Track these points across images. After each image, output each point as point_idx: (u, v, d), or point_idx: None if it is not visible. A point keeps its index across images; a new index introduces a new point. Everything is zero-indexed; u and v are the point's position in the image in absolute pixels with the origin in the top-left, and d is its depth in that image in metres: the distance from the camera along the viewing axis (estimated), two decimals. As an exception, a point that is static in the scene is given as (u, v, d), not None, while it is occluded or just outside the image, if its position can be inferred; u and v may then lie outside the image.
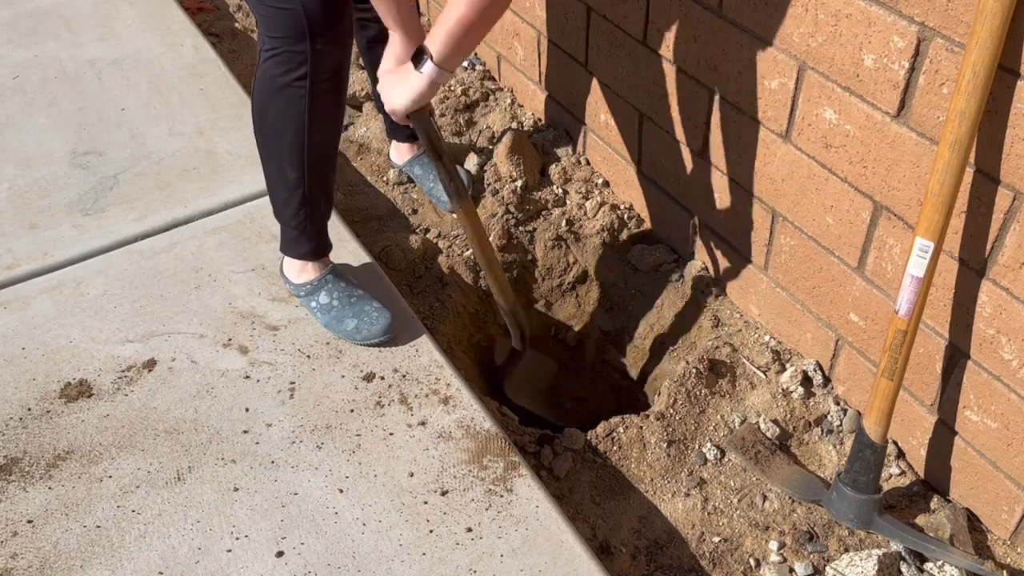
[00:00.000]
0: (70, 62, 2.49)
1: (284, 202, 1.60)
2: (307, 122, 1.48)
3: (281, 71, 1.43)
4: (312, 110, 1.47)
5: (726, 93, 1.63)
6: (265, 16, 1.40)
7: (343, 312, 1.66)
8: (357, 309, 1.66)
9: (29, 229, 1.93)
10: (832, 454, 1.60)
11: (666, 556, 1.45)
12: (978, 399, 1.38)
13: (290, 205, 1.59)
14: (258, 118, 1.52)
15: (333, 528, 1.37)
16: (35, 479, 1.44)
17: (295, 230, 1.63)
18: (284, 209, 1.61)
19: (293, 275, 1.71)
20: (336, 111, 1.54)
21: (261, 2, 1.39)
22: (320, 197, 1.60)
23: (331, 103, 1.50)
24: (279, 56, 1.42)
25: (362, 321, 1.64)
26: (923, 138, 1.29)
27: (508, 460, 1.48)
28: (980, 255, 1.28)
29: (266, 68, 1.45)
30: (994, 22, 1.07)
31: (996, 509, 1.44)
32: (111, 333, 1.70)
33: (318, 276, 1.68)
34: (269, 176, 1.59)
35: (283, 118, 1.48)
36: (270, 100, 1.47)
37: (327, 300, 1.67)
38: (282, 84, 1.44)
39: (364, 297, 1.68)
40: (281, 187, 1.58)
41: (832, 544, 1.45)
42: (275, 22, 1.39)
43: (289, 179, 1.55)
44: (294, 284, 1.71)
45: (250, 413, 1.55)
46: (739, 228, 1.76)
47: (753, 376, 1.70)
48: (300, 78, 1.43)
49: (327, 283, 1.68)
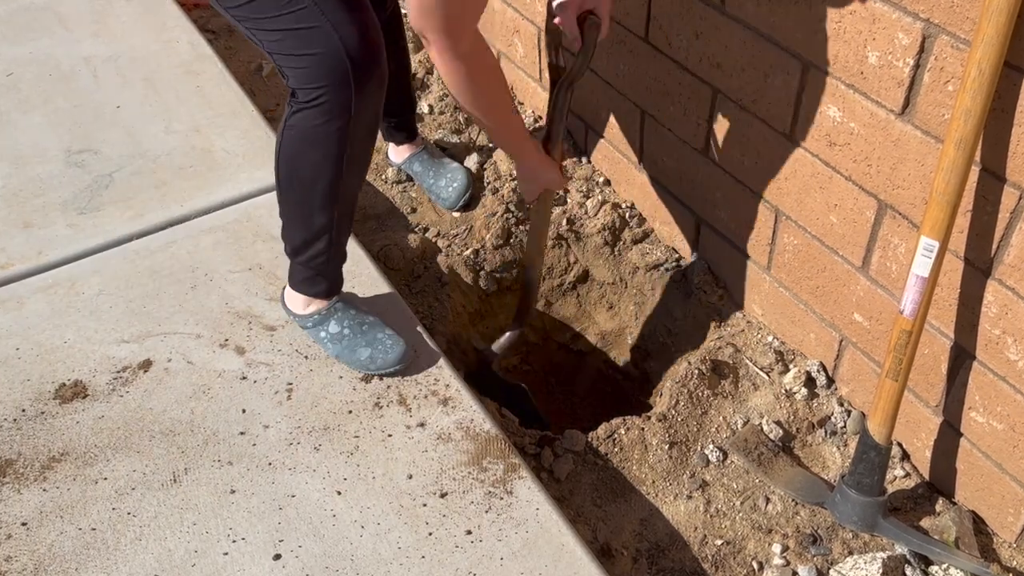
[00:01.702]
0: (65, 59, 2.47)
1: (305, 244, 1.50)
2: (344, 167, 1.38)
3: (323, 120, 1.32)
4: (351, 155, 1.38)
5: (729, 91, 1.62)
6: (299, 66, 1.28)
7: (355, 341, 1.57)
8: (370, 337, 1.57)
9: (23, 228, 1.92)
10: (836, 456, 1.59)
11: (668, 559, 1.44)
12: (984, 400, 1.38)
13: (312, 247, 1.49)
14: (287, 166, 1.41)
15: (331, 531, 1.37)
16: (29, 481, 1.43)
17: (313, 270, 1.54)
18: (305, 251, 1.51)
19: (298, 307, 1.61)
20: (371, 152, 1.45)
21: (292, 54, 1.26)
22: (344, 239, 1.52)
23: (368, 146, 1.42)
24: (320, 107, 1.30)
25: (376, 350, 1.56)
26: (928, 136, 1.28)
27: (508, 462, 1.47)
28: (986, 254, 1.27)
29: (304, 117, 1.33)
30: (1000, 19, 1.07)
31: (1002, 512, 1.43)
32: (106, 333, 1.69)
33: (327, 305, 1.59)
34: (291, 221, 1.49)
35: (318, 168, 1.38)
36: (307, 150, 1.36)
37: (337, 329, 1.58)
38: (324, 134, 1.33)
39: (376, 324, 1.59)
40: (304, 231, 1.48)
41: (836, 547, 1.45)
42: (313, 70, 1.27)
43: (316, 225, 1.46)
44: (299, 315, 1.61)
45: (247, 414, 1.54)
46: (742, 227, 1.75)
47: (756, 377, 1.69)
48: (341, 127, 1.32)
49: (336, 311, 1.59)
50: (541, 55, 2.22)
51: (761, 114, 1.57)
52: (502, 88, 1.39)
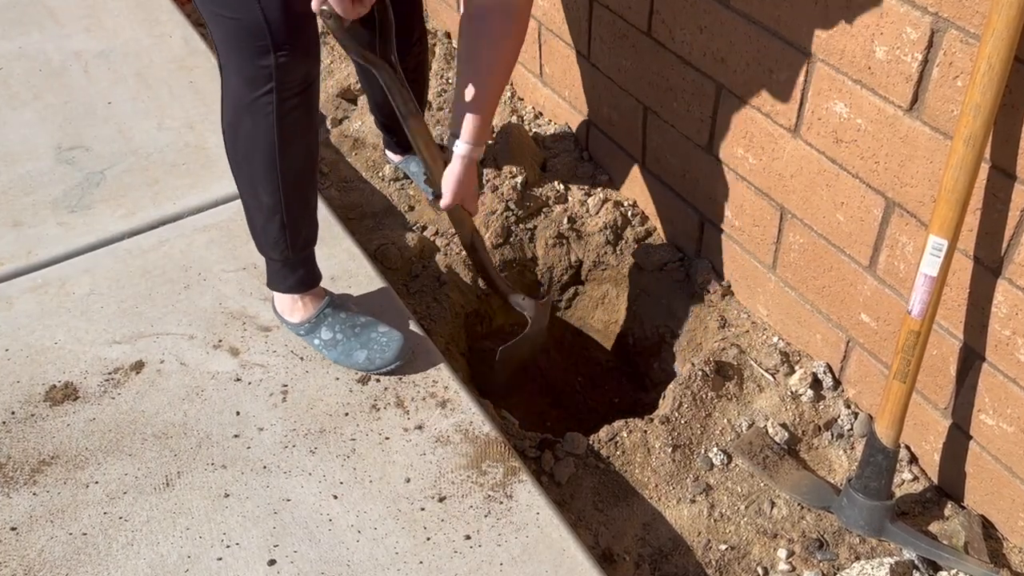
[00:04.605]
0: (55, 54, 2.46)
1: (263, 230, 1.51)
2: (278, 141, 1.39)
3: (245, 88, 1.35)
4: (281, 128, 1.38)
5: (733, 86, 1.61)
6: (223, 30, 1.32)
7: (349, 345, 1.57)
8: (364, 338, 1.57)
9: (12, 227, 1.91)
10: (842, 459, 1.58)
11: (671, 564, 1.43)
12: (993, 402, 1.37)
13: (269, 233, 1.50)
14: (229, 140, 1.44)
15: (327, 536, 1.36)
16: (19, 485, 1.42)
17: (278, 261, 1.54)
18: (264, 238, 1.52)
19: (287, 313, 1.61)
20: (308, 127, 1.45)
21: (219, 15, 1.30)
22: (301, 222, 1.51)
23: (301, 118, 1.42)
24: (241, 72, 1.34)
25: (372, 350, 1.56)
26: (937, 132, 1.28)
27: (508, 465, 1.46)
28: (996, 253, 1.27)
29: (230, 85, 1.37)
30: (1010, 12, 1.06)
31: (1012, 516, 1.43)
32: (97, 334, 1.67)
33: (315, 312, 1.59)
34: (246, 204, 1.51)
35: (252, 138, 1.40)
36: (238, 119, 1.40)
37: (330, 335, 1.58)
38: (249, 101, 1.36)
39: (369, 324, 1.58)
40: (258, 214, 1.49)
41: (843, 552, 1.44)
42: (235, 36, 1.31)
43: (265, 205, 1.46)
44: (291, 323, 1.61)
45: (241, 417, 1.53)
46: (746, 226, 1.74)
47: (761, 378, 1.68)
48: (265, 94, 1.35)
49: (326, 317, 1.59)
50: (541, 50, 2.21)
51: (766, 110, 1.55)
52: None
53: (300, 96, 1.39)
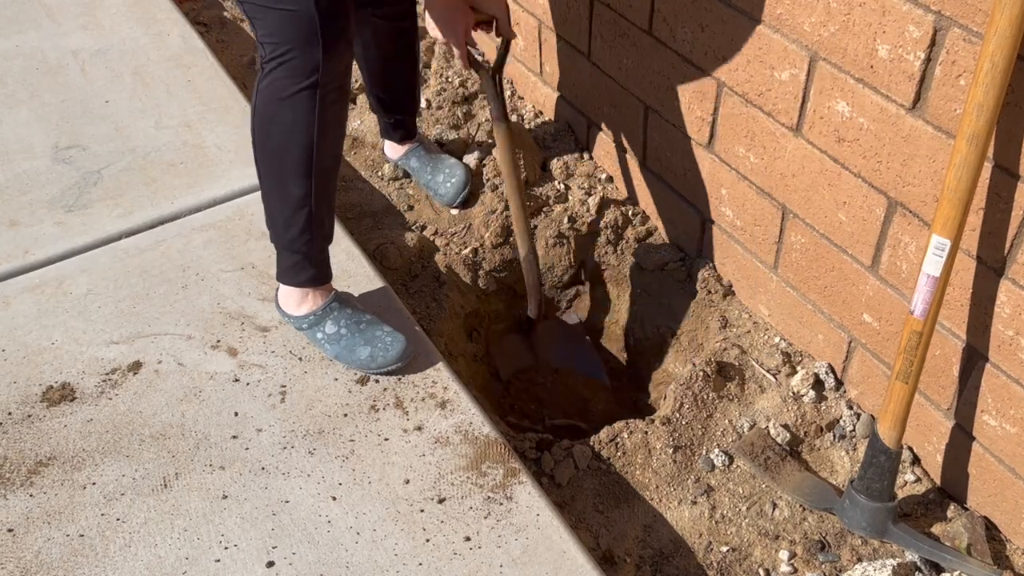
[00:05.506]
0: (52, 52, 2.45)
1: (287, 223, 1.50)
2: (316, 133, 1.41)
3: (290, 80, 1.36)
4: (322, 119, 1.40)
5: (735, 85, 1.60)
6: (273, 22, 1.32)
7: (353, 341, 1.56)
8: (368, 335, 1.56)
9: (9, 226, 1.90)
10: (845, 460, 1.57)
11: (672, 566, 1.43)
12: (996, 403, 1.37)
13: (294, 226, 1.50)
14: (261, 133, 1.44)
15: (326, 537, 1.35)
16: (15, 486, 1.42)
17: (298, 254, 1.53)
18: (286, 232, 1.51)
19: (292, 307, 1.60)
20: (343, 118, 1.48)
21: (268, 8, 1.31)
22: (325, 216, 1.52)
23: (340, 110, 1.45)
24: (288, 63, 1.35)
25: (376, 348, 1.55)
26: (939, 132, 1.27)
27: (508, 466, 1.45)
28: (999, 253, 1.26)
29: (273, 78, 1.38)
30: (1014, 10, 1.05)
31: (1015, 517, 1.42)
32: (95, 334, 1.67)
33: (323, 304, 1.59)
34: (269, 196, 1.51)
35: (291, 131, 1.41)
36: (277, 112, 1.40)
37: (334, 329, 1.57)
38: (291, 93, 1.37)
39: (374, 322, 1.58)
40: (284, 207, 1.49)
41: (845, 554, 1.43)
42: (283, 27, 1.32)
43: (293, 197, 1.47)
44: (294, 316, 1.60)
45: (239, 417, 1.53)
46: (748, 225, 1.73)
47: (762, 379, 1.68)
48: (310, 87, 1.36)
49: (332, 311, 1.58)
50: (542, 48, 2.20)
51: (768, 108, 1.55)
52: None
53: (339, 90, 1.42)
